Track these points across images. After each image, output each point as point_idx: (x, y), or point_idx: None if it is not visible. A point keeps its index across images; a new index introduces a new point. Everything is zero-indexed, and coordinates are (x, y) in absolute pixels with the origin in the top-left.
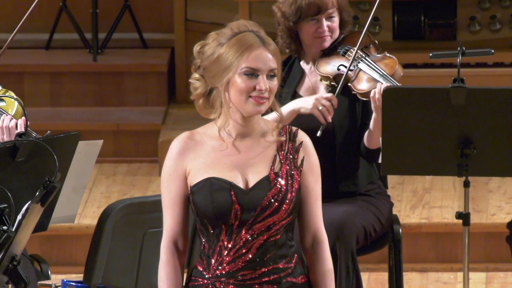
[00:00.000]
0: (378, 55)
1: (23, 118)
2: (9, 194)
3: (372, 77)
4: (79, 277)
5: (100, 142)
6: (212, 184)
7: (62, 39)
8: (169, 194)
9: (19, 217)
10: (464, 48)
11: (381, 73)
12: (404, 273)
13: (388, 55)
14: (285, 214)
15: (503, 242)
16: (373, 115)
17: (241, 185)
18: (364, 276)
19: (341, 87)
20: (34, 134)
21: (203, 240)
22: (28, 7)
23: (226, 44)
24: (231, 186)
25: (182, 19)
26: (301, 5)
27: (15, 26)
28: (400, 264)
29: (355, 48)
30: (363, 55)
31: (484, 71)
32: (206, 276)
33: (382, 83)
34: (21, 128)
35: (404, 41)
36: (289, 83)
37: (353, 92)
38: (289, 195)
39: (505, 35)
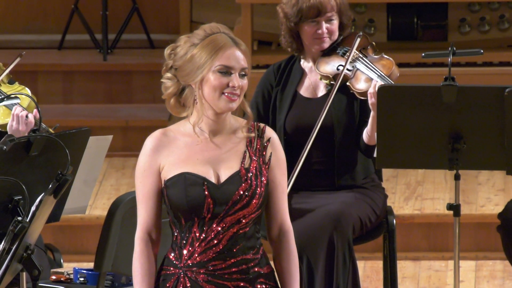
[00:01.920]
0: (375, 56)
1: (35, 111)
2: (24, 187)
3: (369, 77)
4: (90, 265)
5: (110, 137)
6: (186, 179)
7: (74, 39)
8: (143, 188)
9: (33, 208)
10: (454, 48)
11: (378, 74)
12: (398, 262)
13: (385, 56)
14: (255, 208)
15: (492, 232)
16: (371, 113)
17: (213, 180)
18: (360, 264)
19: (337, 85)
20: (43, 126)
21: (176, 231)
22: (41, 9)
23: (200, 44)
24: (204, 181)
25: (188, 21)
26: (302, 7)
27: (29, 27)
28: (394, 253)
29: (353, 49)
30: (361, 56)
31: (474, 70)
32: (178, 266)
33: (377, 81)
34: (31, 119)
35: (398, 41)
36: (290, 83)
37: (351, 91)
38: (259, 189)
39: (493, 36)
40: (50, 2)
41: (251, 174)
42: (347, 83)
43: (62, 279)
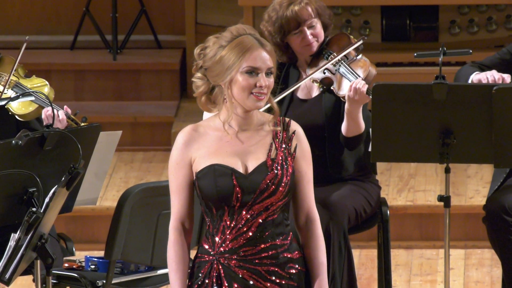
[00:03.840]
0: (355, 58)
1: (65, 107)
2: (38, 179)
3: (349, 81)
4: (101, 253)
5: (119, 132)
6: (215, 170)
7: (85, 40)
8: (176, 180)
9: (46, 199)
10: (445, 49)
11: (356, 77)
12: (391, 250)
13: (363, 58)
14: (281, 196)
15: (480, 222)
16: (346, 105)
17: (241, 170)
18: (356, 253)
19: (318, 70)
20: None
21: (208, 220)
22: (54, 11)
23: (228, 46)
24: (233, 171)
25: (193, 23)
26: (282, 23)
27: (43, 29)
28: (388, 242)
29: (336, 55)
30: (343, 60)
31: None
32: (212, 253)
33: (360, 77)
34: (62, 116)
35: (392, 42)
36: (289, 84)
37: (337, 95)
38: (285, 179)
39: (482, 37)
40: (62, 5)
41: (277, 164)
42: (331, 88)
43: (74, 266)
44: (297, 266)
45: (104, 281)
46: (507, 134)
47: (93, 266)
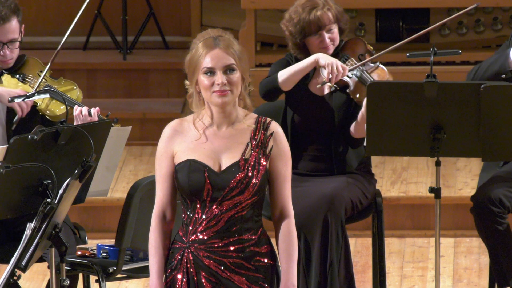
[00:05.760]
0: (372, 64)
1: (98, 108)
2: (52, 172)
3: (366, 86)
4: (111, 241)
5: (129, 128)
6: (190, 165)
7: (97, 41)
8: (160, 171)
9: (60, 191)
10: (436, 49)
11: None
12: (385, 238)
13: (380, 66)
14: (249, 195)
15: (469, 212)
16: (362, 109)
17: (214, 167)
18: (352, 241)
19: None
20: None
21: (184, 211)
22: (69, 14)
23: (193, 51)
24: (206, 168)
25: (198, 24)
26: (303, 25)
27: (57, 30)
28: (382, 231)
29: (353, 60)
30: (360, 66)
31: (453, 68)
32: (184, 241)
33: None
34: (94, 117)
35: (385, 42)
36: (303, 78)
37: (351, 97)
38: (254, 180)
39: (470, 38)
40: (76, 8)
41: (249, 165)
42: (347, 91)
43: (86, 254)
44: (264, 259)
45: (115, 268)
46: (494, 130)
47: (104, 254)
